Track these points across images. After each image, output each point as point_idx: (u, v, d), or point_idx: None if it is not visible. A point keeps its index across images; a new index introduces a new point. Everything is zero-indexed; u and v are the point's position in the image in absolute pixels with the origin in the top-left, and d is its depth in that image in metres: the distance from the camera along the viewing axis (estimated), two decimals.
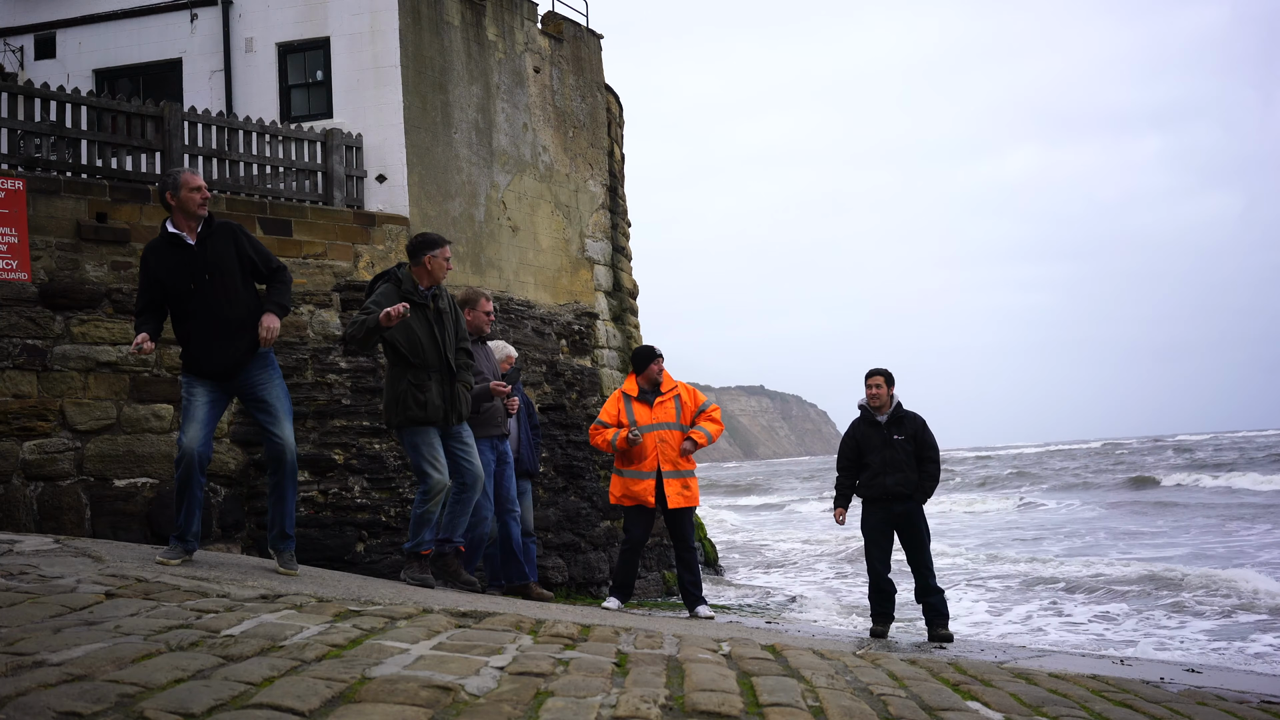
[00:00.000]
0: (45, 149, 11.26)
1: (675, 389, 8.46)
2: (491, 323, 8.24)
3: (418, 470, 7.02)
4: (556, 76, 15.55)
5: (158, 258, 6.14)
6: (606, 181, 16.28)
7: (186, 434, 6.05)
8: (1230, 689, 5.77)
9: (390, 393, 7.02)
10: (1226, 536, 20.55)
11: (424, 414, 6.89)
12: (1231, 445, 66.81)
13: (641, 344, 8.73)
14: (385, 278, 7.09)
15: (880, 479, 8.16)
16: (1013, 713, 3.90)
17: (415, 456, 6.98)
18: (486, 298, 8.20)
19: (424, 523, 6.98)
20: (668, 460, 8.18)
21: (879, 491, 8.18)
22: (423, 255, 7.04)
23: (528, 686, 3.24)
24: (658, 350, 8.48)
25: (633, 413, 8.24)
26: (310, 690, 2.92)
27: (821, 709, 3.48)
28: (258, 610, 4.16)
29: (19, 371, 10.36)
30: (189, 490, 6.05)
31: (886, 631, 8.26)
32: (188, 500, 6.05)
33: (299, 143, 12.71)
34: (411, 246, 7.21)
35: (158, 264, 6.12)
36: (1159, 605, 12.56)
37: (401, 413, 6.92)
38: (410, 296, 6.91)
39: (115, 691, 2.75)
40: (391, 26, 13.34)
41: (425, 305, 7.02)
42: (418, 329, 6.94)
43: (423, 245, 7.11)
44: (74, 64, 14.54)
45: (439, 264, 7.07)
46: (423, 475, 6.96)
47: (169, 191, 6.13)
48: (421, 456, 6.93)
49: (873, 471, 8.21)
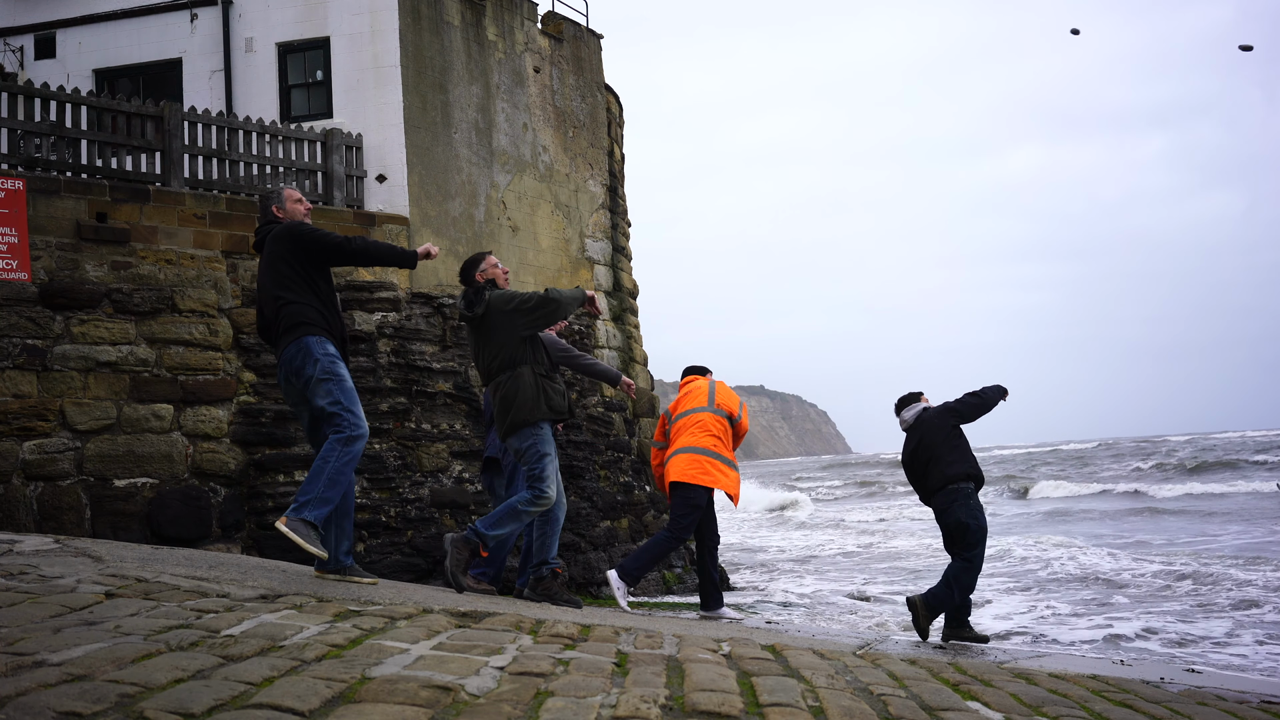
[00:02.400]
0: (45, 149, 11.26)
1: (709, 380, 8.59)
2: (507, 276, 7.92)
3: (538, 478, 6.63)
4: (556, 76, 15.55)
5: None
6: (606, 181, 16.28)
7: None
8: (1230, 689, 5.77)
9: (530, 390, 6.71)
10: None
11: (560, 406, 6.77)
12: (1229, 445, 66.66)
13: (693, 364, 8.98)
14: (482, 289, 6.91)
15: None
16: (1013, 713, 3.90)
17: (541, 465, 6.63)
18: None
19: (517, 519, 6.69)
20: (691, 438, 8.27)
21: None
22: (474, 272, 7.00)
23: (528, 686, 3.24)
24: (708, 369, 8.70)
25: (672, 417, 8.45)
26: (310, 690, 2.92)
27: (821, 709, 3.48)
28: (258, 610, 4.16)
29: (19, 371, 10.36)
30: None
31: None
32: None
33: (299, 143, 12.71)
34: (465, 270, 7.07)
35: None
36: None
37: (543, 404, 6.69)
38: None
39: (115, 691, 2.74)
40: (391, 26, 13.35)
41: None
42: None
43: (473, 264, 7.06)
44: (74, 64, 14.54)
45: (496, 273, 7.06)
46: (543, 482, 6.62)
47: (275, 205, 6.15)
48: (546, 466, 6.64)
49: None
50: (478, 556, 6.98)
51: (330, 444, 5.66)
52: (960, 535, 7.74)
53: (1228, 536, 20.50)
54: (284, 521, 5.49)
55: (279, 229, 6.01)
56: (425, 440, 12.54)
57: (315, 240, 5.97)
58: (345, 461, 5.66)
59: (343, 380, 5.82)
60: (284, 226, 6.01)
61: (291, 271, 5.92)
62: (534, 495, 6.67)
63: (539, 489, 6.64)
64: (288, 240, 5.94)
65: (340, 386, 5.77)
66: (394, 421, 12.35)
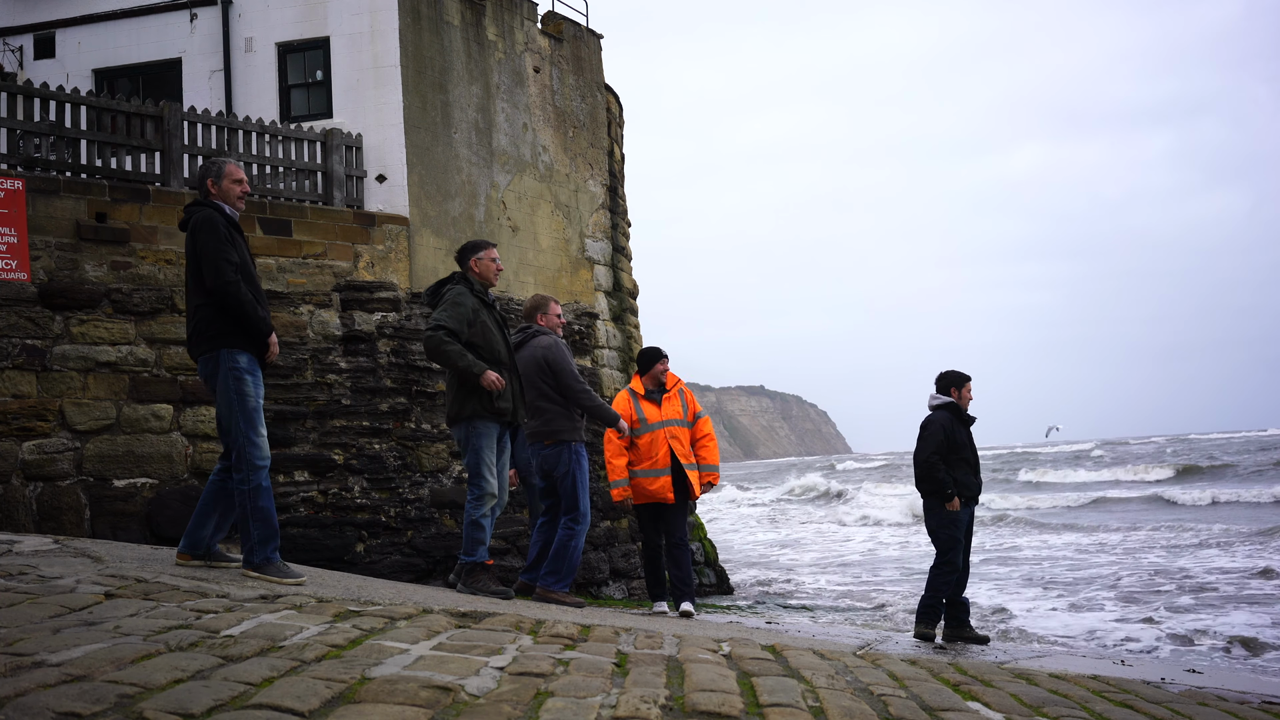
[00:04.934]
0: (45, 149, 11.26)
1: (679, 385, 8.45)
2: (564, 325, 8.09)
3: (475, 473, 6.88)
4: (556, 76, 15.55)
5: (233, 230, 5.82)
6: (606, 181, 16.28)
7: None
8: (1231, 689, 5.77)
9: (461, 388, 6.87)
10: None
11: (497, 409, 6.85)
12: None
13: (645, 346, 8.62)
14: (453, 280, 7.08)
15: (977, 479, 8.40)
16: (1013, 713, 3.89)
17: (476, 459, 6.86)
18: (555, 302, 8.00)
19: (479, 528, 6.87)
20: (682, 454, 8.13)
21: (975, 491, 8.39)
22: (469, 259, 7.12)
23: (528, 687, 3.24)
24: (663, 351, 8.46)
25: (642, 410, 8.20)
26: (310, 690, 2.92)
27: (822, 709, 3.47)
28: (257, 610, 4.16)
29: (18, 371, 10.36)
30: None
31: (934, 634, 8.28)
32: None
33: (299, 143, 12.71)
34: (460, 254, 7.22)
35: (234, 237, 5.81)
36: None
37: (476, 404, 6.82)
38: (482, 297, 7.04)
39: (115, 692, 2.74)
40: (391, 26, 13.34)
41: (493, 306, 7.13)
42: (492, 328, 7.00)
43: (469, 249, 7.19)
44: (73, 64, 14.53)
45: (486, 265, 7.14)
46: (479, 479, 6.85)
47: (211, 179, 5.85)
48: (482, 460, 6.84)
49: (969, 470, 8.33)
50: (489, 569, 6.98)
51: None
52: (931, 541, 8.46)
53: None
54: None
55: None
56: (425, 440, 12.54)
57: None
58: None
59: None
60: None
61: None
62: (475, 497, 6.87)
63: (474, 488, 6.85)
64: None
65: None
66: (394, 421, 12.35)
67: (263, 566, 5.60)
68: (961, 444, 8.31)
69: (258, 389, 5.74)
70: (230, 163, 5.94)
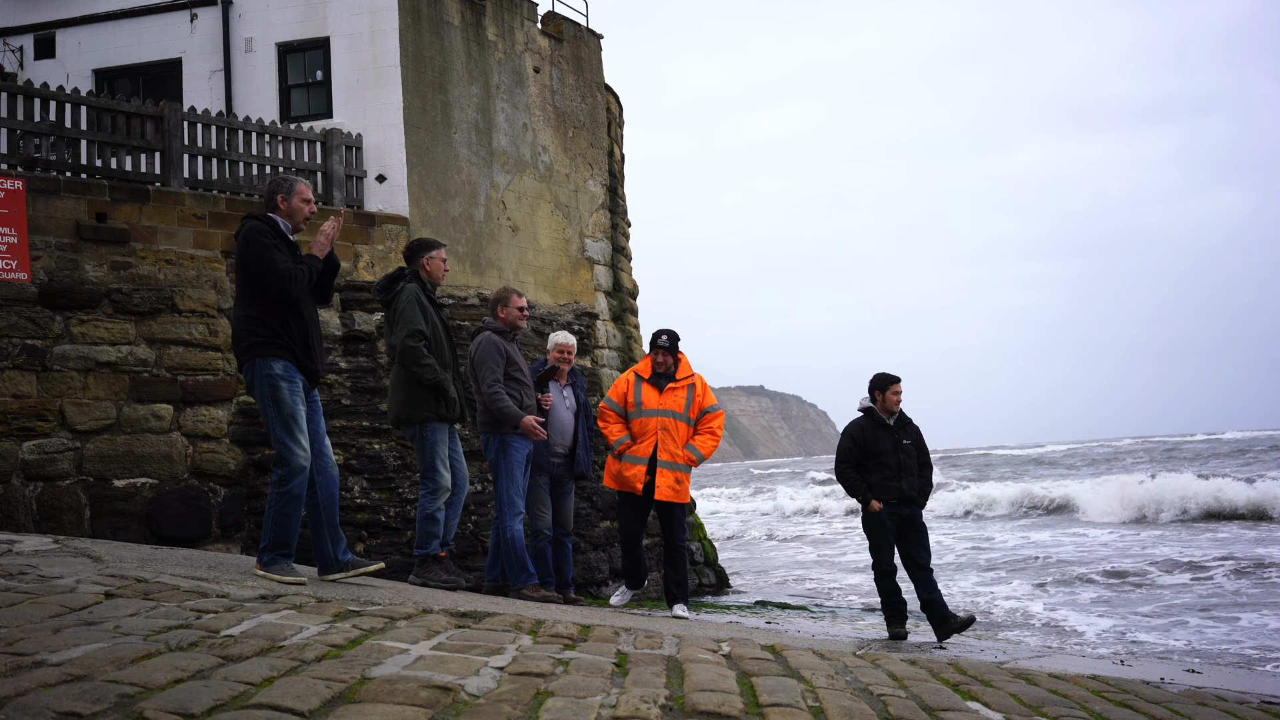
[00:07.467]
0: (45, 149, 11.26)
1: (691, 380, 8.12)
2: (527, 318, 8.02)
3: (429, 467, 7.03)
4: (556, 76, 15.55)
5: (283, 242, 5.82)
6: (606, 181, 16.28)
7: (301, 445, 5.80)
8: (1230, 689, 5.77)
9: (407, 390, 7.02)
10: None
11: (447, 410, 7.03)
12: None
13: (662, 328, 8.38)
14: (400, 278, 7.16)
15: (896, 482, 8.23)
16: (1013, 713, 3.89)
17: (431, 454, 7.01)
18: (519, 294, 7.92)
19: (433, 522, 7.02)
20: (666, 450, 7.91)
21: (894, 494, 8.24)
22: (420, 257, 7.25)
23: (528, 687, 3.24)
24: (663, 340, 8.05)
25: (640, 394, 8.00)
26: (310, 690, 2.92)
27: (821, 709, 3.47)
28: (257, 610, 4.16)
29: (18, 371, 10.36)
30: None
31: (906, 631, 8.24)
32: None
33: (299, 143, 12.71)
34: (409, 251, 7.40)
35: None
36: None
37: (425, 408, 6.99)
38: (431, 297, 7.17)
39: (115, 692, 2.74)
40: (391, 26, 13.34)
41: (440, 307, 7.25)
42: (440, 329, 7.13)
43: (419, 248, 7.33)
44: (74, 64, 14.53)
45: (436, 265, 7.28)
46: (433, 472, 7.01)
47: (281, 195, 5.90)
48: (437, 454, 7.01)
49: (887, 474, 8.23)
50: (448, 561, 7.11)
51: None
52: None
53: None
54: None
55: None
56: None
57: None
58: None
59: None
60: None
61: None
62: (429, 491, 7.02)
63: (428, 481, 7.02)
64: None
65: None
66: None
67: (269, 566, 5.69)
68: (880, 449, 8.24)
69: (294, 395, 5.80)
70: (302, 182, 6.00)
